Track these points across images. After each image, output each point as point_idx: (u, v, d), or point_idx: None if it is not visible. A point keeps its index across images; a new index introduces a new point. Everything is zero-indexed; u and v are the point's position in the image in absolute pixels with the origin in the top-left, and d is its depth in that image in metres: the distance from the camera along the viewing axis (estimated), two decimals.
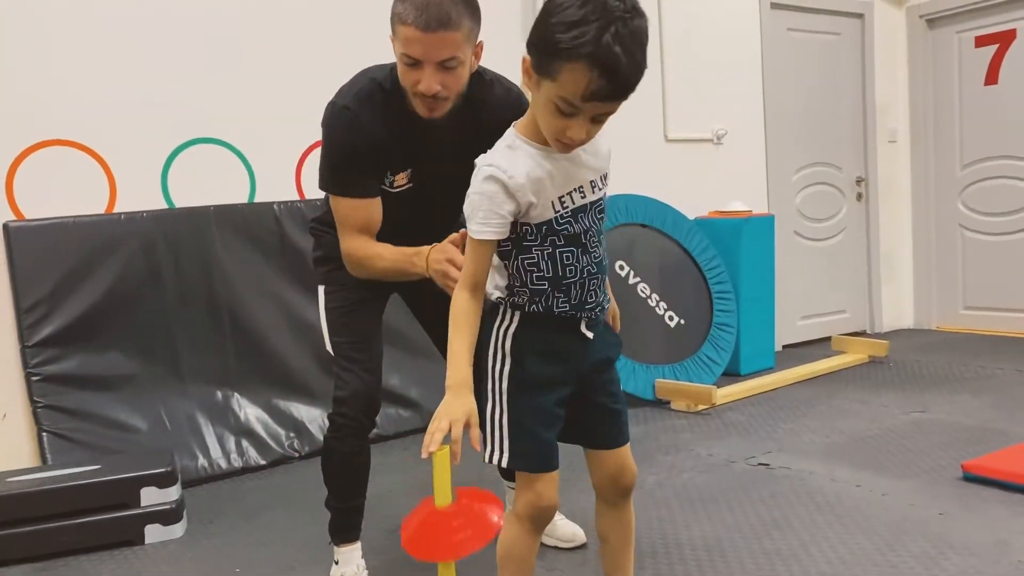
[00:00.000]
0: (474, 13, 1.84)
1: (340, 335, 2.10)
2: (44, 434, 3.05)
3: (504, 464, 1.58)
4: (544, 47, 1.35)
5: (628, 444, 1.70)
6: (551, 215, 1.50)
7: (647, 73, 1.40)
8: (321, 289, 2.16)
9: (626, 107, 1.51)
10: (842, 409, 3.80)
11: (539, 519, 1.61)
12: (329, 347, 2.13)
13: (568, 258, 1.54)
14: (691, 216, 4.70)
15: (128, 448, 3.08)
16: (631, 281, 4.29)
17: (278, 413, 3.50)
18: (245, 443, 3.38)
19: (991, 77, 5.41)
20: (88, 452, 3.04)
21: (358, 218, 1.96)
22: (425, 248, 1.87)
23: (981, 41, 5.44)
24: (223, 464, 3.30)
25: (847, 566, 2.19)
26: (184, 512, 2.78)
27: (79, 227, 3.19)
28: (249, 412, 3.44)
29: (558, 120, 1.40)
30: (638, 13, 1.34)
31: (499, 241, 1.51)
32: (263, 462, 3.37)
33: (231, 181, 3.59)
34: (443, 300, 1.63)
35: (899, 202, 5.88)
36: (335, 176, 1.96)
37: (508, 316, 1.59)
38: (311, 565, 2.39)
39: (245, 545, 2.61)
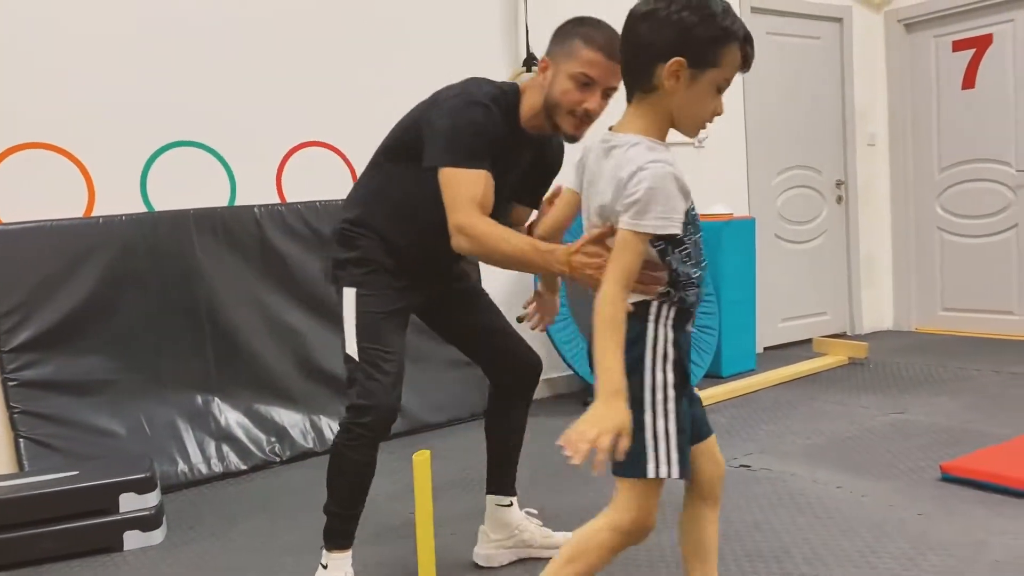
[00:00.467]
0: None
1: (371, 341, 2.06)
2: (21, 440, 3.02)
3: (675, 475, 1.48)
4: (709, 41, 1.47)
5: None
6: (690, 203, 1.54)
7: None
8: (352, 291, 2.10)
9: (608, 113, 1.54)
10: (823, 411, 3.83)
11: (640, 537, 1.53)
12: (353, 351, 2.06)
13: (702, 245, 1.61)
14: None
15: (107, 454, 3.05)
16: None
17: (259, 418, 3.48)
18: (225, 448, 3.35)
19: (968, 81, 5.47)
20: (66, 458, 3.01)
21: (478, 192, 1.92)
22: (559, 247, 1.82)
23: (958, 46, 5.50)
24: (203, 469, 3.27)
25: (828, 567, 2.20)
26: (164, 518, 2.76)
27: (57, 231, 3.16)
28: (230, 417, 3.42)
29: (715, 102, 1.54)
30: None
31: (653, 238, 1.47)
32: (244, 467, 3.35)
33: (211, 184, 3.57)
34: (465, 314, 1.93)
35: (878, 205, 5.93)
36: (465, 149, 1.95)
37: (664, 315, 1.53)
38: (293, 570, 2.38)
39: (226, 551, 2.59)
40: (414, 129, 2.07)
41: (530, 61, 4.25)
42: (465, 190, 1.92)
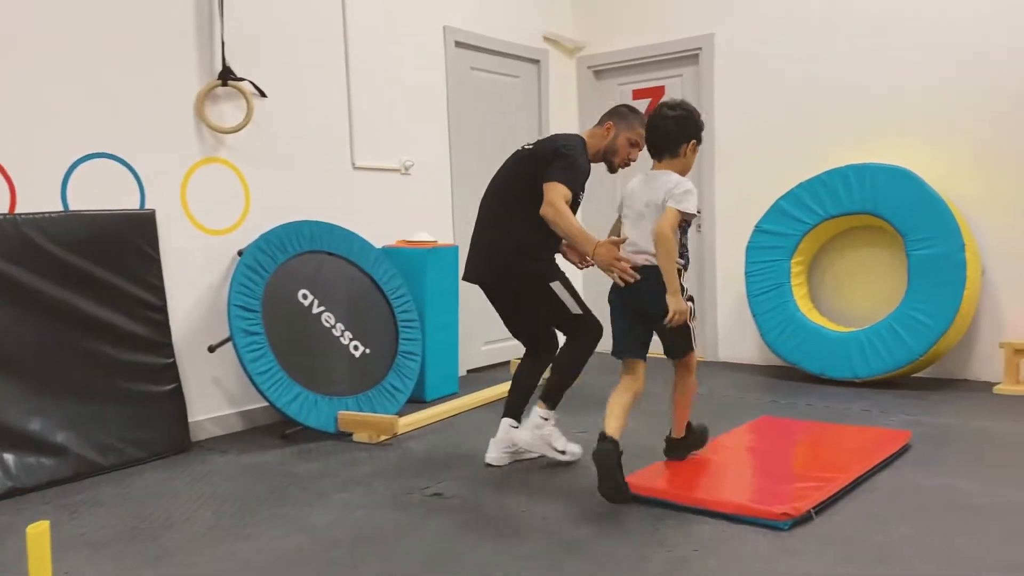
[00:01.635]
0: None
1: (578, 300, 3.44)
2: None
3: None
4: (702, 130, 3.14)
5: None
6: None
7: (334, 101, 2.23)
8: (554, 284, 3.39)
9: (312, 133, 2.69)
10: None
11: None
12: (575, 310, 3.42)
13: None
14: (378, 245, 4.71)
15: None
16: (315, 310, 4.19)
17: None
18: None
19: None
20: None
21: (568, 197, 3.21)
22: (593, 238, 3.11)
23: (638, 94, 6.08)
24: None
25: None
26: None
27: None
28: None
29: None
30: None
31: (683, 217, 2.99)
32: None
33: None
34: (527, 308, 3.50)
35: None
36: (577, 183, 3.27)
37: (683, 274, 3.03)
38: None
39: None
40: (546, 161, 3.29)
41: (226, 75, 4.05)
42: (563, 192, 3.18)
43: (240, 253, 4.10)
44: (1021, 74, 4.63)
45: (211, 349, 4.00)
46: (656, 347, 3.15)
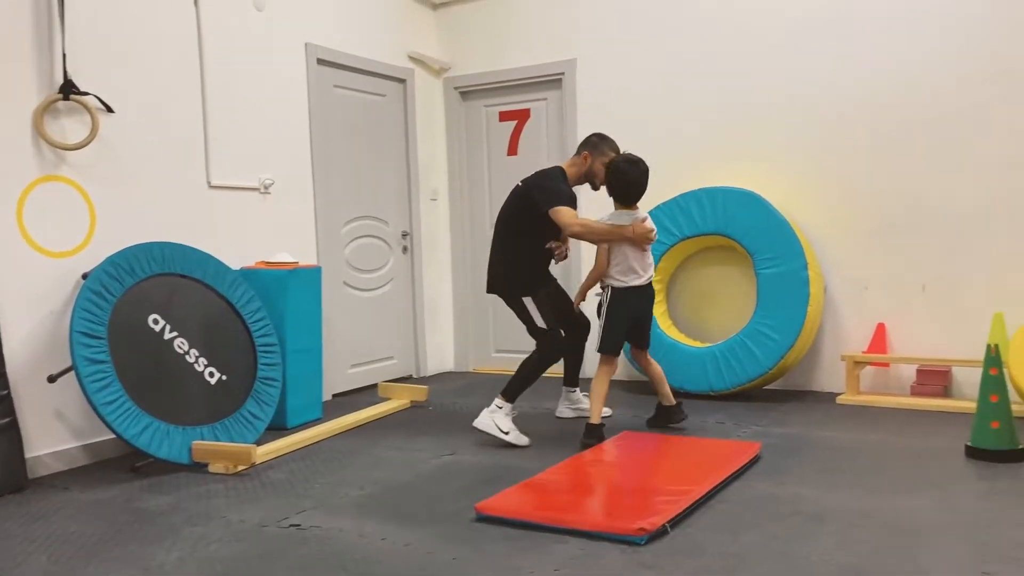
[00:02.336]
0: None
1: (554, 315, 4.27)
2: None
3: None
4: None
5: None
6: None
7: (188, 117, 3.76)
8: (527, 299, 4.22)
9: (165, 150, 3.98)
10: (380, 458, 3.93)
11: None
12: (542, 324, 4.21)
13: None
14: (236, 266, 4.55)
15: None
16: (167, 336, 4.00)
17: None
18: None
19: (512, 148, 6.14)
20: None
21: (570, 211, 4.04)
22: (624, 228, 3.99)
23: (504, 116, 6.16)
24: None
25: None
26: None
27: None
28: None
29: None
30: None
31: None
32: None
33: None
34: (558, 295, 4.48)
35: (440, 255, 6.36)
36: (564, 200, 4.07)
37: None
38: None
39: None
40: (527, 198, 4.15)
41: (68, 89, 3.83)
42: (568, 212, 4.04)
43: (85, 277, 3.87)
44: (857, 108, 4.97)
45: (51, 379, 3.75)
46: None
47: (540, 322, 4.19)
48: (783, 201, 5.04)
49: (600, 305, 4.17)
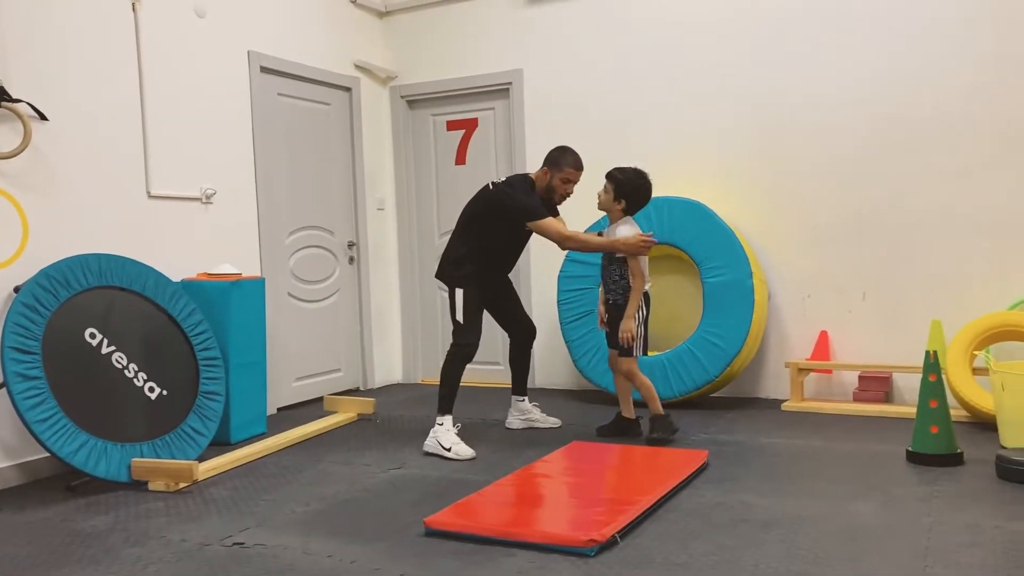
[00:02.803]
0: None
1: (470, 314, 4.19)
2: None
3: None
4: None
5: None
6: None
7: (127, 126, 3.77)
8: (458, 291, 4.20)
9: (102, 159, 3.99)
10: (327, 472, 3.86)
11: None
12: (461, 318, 4.18)
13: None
14: (176, 278, 4.44)
15: None
16: (104, 350, 3.88)
17: None
18: None
19: (460, 158, 6.12)
20: None
21: (555, 223, 4.14)
22: (614, 239, 4.12)
23: (452, 125, 6.14)
24: None
25: None
26: None
27: None
28: None
29: None
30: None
31: None
32: None
33: None
34: (506, 298, 4.55)
35: (388, 265, 6.30)
36: (539, 211, 4.13)
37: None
38: None
39: None
40: (493, 203, 4.18)
41: (1, 95, 3.71)
42: (550, 223, 4.10)
43: (16, 290, 3.74)
44: (799, 119, 5.07)
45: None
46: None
47: (459, 316, 4.18)
48: (727, 211, 5.11)
49: (637, 312, 4.19)
